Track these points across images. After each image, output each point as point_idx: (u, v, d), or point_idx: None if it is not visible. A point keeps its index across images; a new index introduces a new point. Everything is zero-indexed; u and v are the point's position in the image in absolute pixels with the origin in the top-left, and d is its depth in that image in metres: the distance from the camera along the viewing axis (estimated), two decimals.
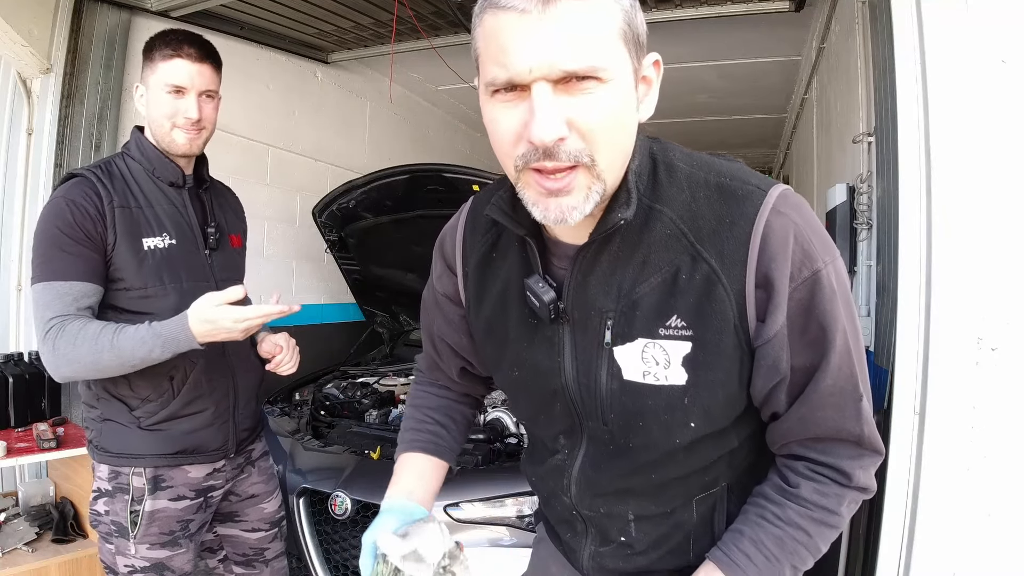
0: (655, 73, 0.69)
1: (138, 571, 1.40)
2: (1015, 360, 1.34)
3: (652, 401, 0.73)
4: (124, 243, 1.33)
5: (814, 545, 0.75)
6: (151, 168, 1.42)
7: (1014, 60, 1.35)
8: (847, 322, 0.70)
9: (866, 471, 0.75)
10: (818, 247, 0.68)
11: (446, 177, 2.55)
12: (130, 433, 1.38)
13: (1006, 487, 1.35)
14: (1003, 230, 1.35)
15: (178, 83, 1.36)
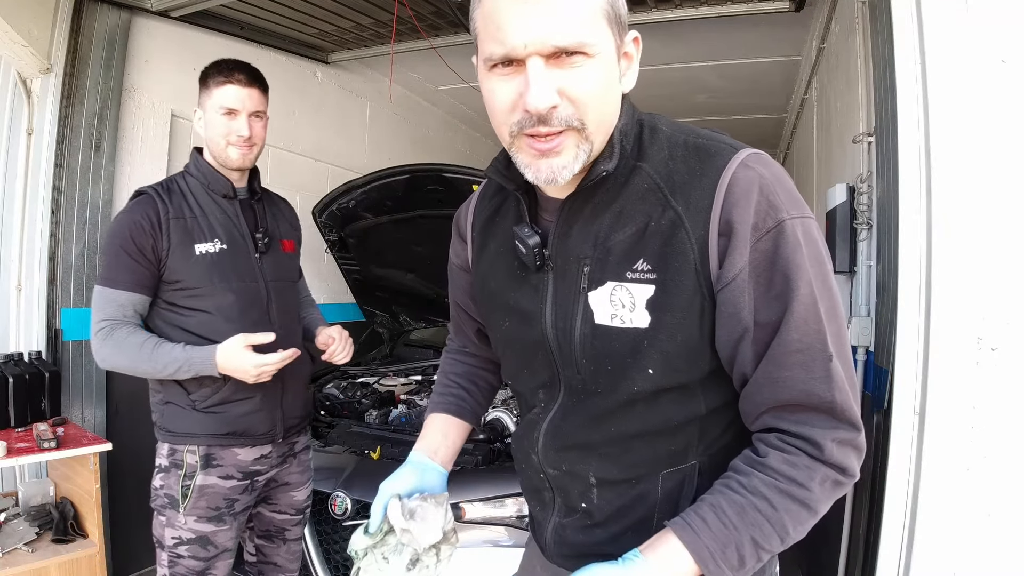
0: (635, 49, 0.76)
1: (184, 543, 1.54)
2: (1015, 360, 1.34)
3: (618, 344, 0.76)
4: (178, 249, 1.52)
5: (779, 520, 0.70)
6: (206, 183, 1.60)
7: (1014, 60, 1.35)
8: (816, 280, 0.70)
9: (842, 447, 0.72)
10: (784, 200, 0.71)
11: (446, 177, 2.55)
12: (187, 414, 1.55)
13: (1006, 487, 1.35)
14: (1003, 230, 1.35)
15: (230, 106, 1.56)
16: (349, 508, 2.07)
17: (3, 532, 1.98)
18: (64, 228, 2.49)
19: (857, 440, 0.73)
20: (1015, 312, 1.34)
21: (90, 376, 2.57)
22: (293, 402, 1.69)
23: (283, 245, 1.74)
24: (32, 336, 2.46)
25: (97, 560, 1.98)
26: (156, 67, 2.83)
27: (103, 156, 2.58)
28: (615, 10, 0.71)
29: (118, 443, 2.13)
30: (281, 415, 1.65)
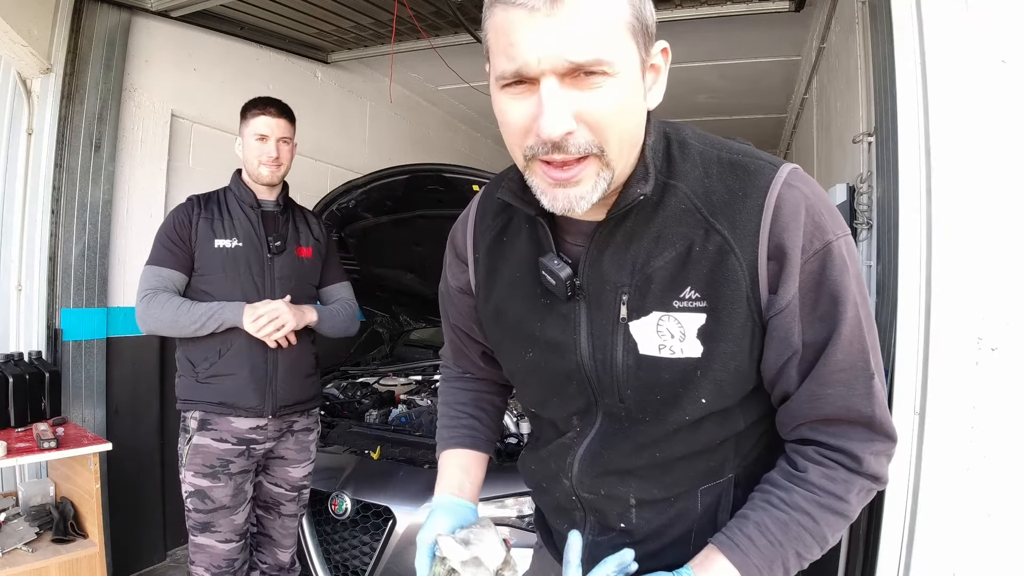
0: (663, 61, 0.70)
1: (190, 495, 1.84)
2: (1015, 360, 1.34)
3: (668, 375, 0.73)
4: (203, 242, 1.88)
5: (820, 533, 0.72)
6: (238, 195, 1.96)
7: (1014, 60, 1.35)
8: (859, 297, 0.70)
9: (878, 458, 0.73)
10: (829, 220, 0.69)
11: (446, 177, 2.55)
12: (191, 384, 1.87)
13: (1006, 487, 1.35)
14: (1003, 230, 1.35)
15: (262, 132, 1.90)
16: (349, 508, 2.07)
17: (3, 532, 1.97)
18: (64, 228, 2.48)
19: (892, 450, 0.74)
20: (1015, 312, 1.34)
21: (90, 376, 2.57)
22: (285, 385, 1.91)
23: (299, 251, 2.01)
24: (32, 336, 2.46)
25: (97, 560, 1.98)
26: (156, 67, 2.83)
27: (103, 156, 2.58)
28: (641, 21, 0.65)
29: (118, 443, 2.13)
30: (272, 394, 1.88)
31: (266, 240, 1.92)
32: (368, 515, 2.06)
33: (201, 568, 1.84)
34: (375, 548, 2.00)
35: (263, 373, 1.87)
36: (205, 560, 1.84)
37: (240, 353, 1.85)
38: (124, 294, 2.73)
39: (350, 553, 2.08)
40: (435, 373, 2.99)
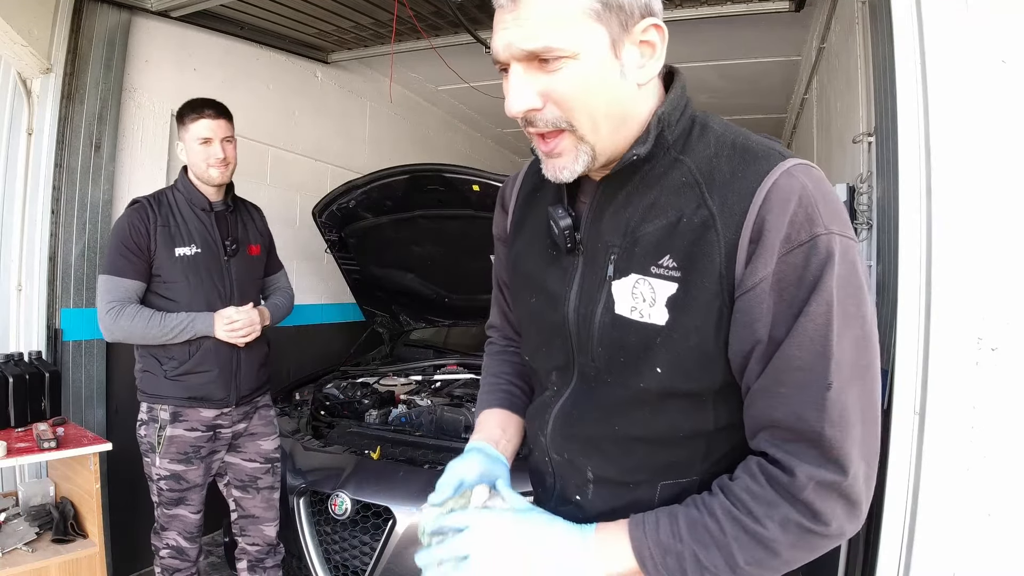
0: (656, 36, 0.71)
1: (163, 478, 1.99)
2: (1015, 360, 1.34)
3: (634, 338, 0.75)
4: (162, 251, 1.95)
5: (726, 547, 0.68)
6: (189, 198, 2.01)
7: (1014, 60, 1.35)
8: (841, 303, 0.66)
9: (820, 491, 0.66)
10: (824, 215, 0.67)
11: (446, 177, 2.55)
12: (159, 381, 1.97)
13: (1006, 487, 1.35)
14: (1003, 230, 1.35)
15: (205, 135, 1.95)
16: (349, 508, 2.07)
17: (3, 532, 1.97)
18: (64, 228, 2.49)
19: (842, 487, 0.67)
20: (1015, 312, 1.34)
21: (90, 376, 2.57)
22: (246, 377, 2.08)
23: (250, 249, 2.14)
24: (32, 336, 2.46)
25: (97, 560, 1.98)
26: (156, 67, 2.84)
27: (103, 156, 2.58)
28: (609, 3, 0.67)
29: (118, 443, 2.13)
30: (235, 386, 2.04)
31: (222, 244, 2.04)
32: (368, 515, 2.06)
33: (174, 532, 2.04)
34: (375, 548, 2.00)
35: (229, 369, 2.03)
36: (179, 526, 2.04)
37: (209, 353, 1.99)
38: None
39: (350, 553, 2.08)
40: (435, 373, 2.99)
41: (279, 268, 2.39)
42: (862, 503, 0.68)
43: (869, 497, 0.69)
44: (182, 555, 2.07)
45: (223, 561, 2.70)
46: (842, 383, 0.67)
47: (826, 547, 0.71)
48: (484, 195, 2.53)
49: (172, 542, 2.05)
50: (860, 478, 0.67)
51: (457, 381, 2.85)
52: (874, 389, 0.69)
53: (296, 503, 2.18)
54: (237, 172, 2.05)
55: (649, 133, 0.73)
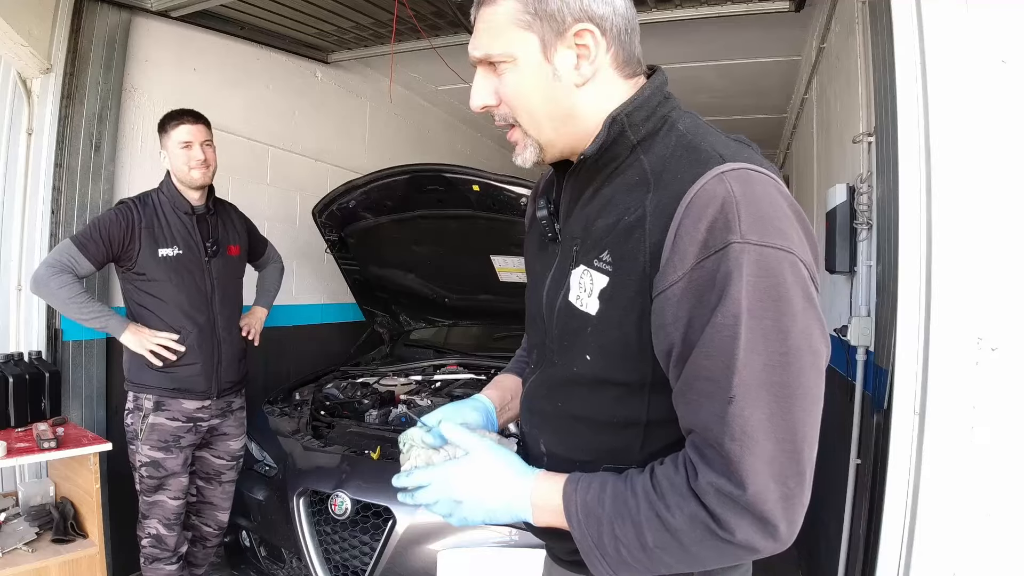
0: (589, 39, 0.75)
1: (144, 464, 2.14)
2: (1015, 360, 1.34)
3: (575, 324, 0.81)
4: (147, 251, 2.10)
5: (638, 525, 0.70)
6: (172, 202, 2.17)
7: (1014, 60, 1.35)
8: (752, 315, 0.64)
9: (720, 497, 0.66)
10: (744, 223, 0.65)
11: (446, 177, 2.55)
12: (145, 371, 2.14)
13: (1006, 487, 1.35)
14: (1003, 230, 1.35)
15: (186, 140, 2.12)
16: (349, 508, 2.07)
17: (3, 532, 1.98)
18: (64, 228, 2.48)
19: (742, 500, 0.65)
20: (1015, 312, 1.34)
21: (90, 376, 2.57)
22: (227, 370, 2.26)
23: (229, 250, 2.30)
24: (32, 336, 2.46)
25: (97, 560, 1.98)
26: (156, 67, 2.84)
27: (103, 156, 2.58)
28: (540, 13, 0.74)
29: (118, 443, 2.13)
30: (216, 379, 2.22)
31: (203, 245, 2.20)
32: (368, 515, 2.06)
33: (155, 520, 2.17)
34: (375, 548, 2.00)
35: (212, 363, 2.20)
36: (159, 513, 2.17)
37: (194, 348, 2.16)
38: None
39: (350, 553, 2.08)
40: (435, 373, 2.99)
41: (266, 245, 2.63)
42: (776, 523, 0.66)
43: (791, 518, 0.67)
44: (161, 543, 2.18)
45: (223, 561, 2.70)
46: (746, 399, 0.65)
47: (741, 556, 0.71)
48: (484, 195, 2.52)
49: (152, 530, 2.18)
50: (769, 498, 0.65)
51: (457, 381, 2.85)
52: (791, 409, 0.66)
53: (296, 503, 2.18)
54: (237, 172, 2.12)
55: (604, 135, 0.77)
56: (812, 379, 0.67)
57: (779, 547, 0.69)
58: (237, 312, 2.40)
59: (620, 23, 0.76)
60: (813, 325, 0.67)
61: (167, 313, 2.15)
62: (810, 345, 0.66)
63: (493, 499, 0.79)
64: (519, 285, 2.30)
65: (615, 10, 0.76)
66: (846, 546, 1.93)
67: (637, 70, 0.81)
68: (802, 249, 0.68)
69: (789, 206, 0.70)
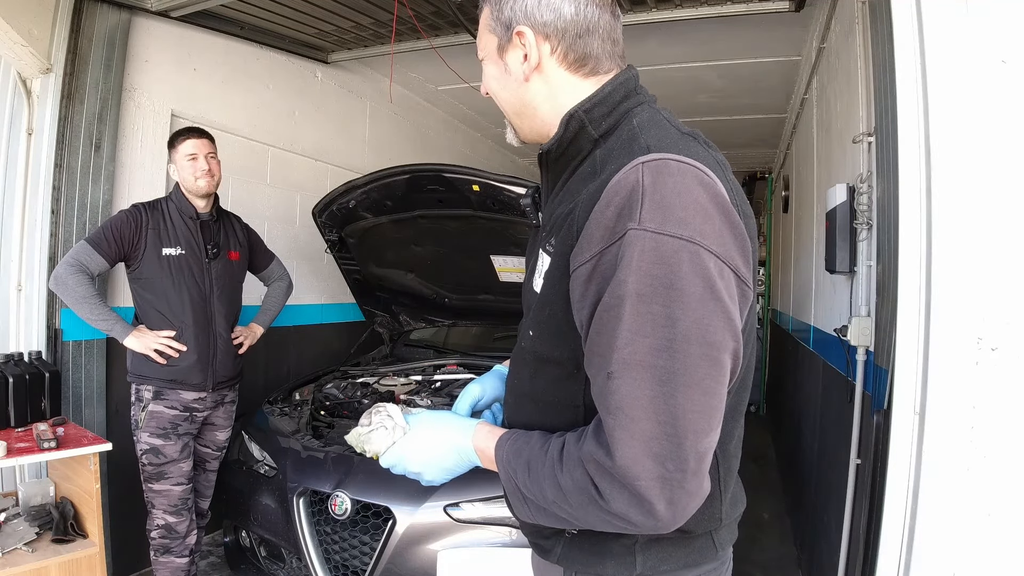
0: (521, 40, 0.85)
1: (145, 452, 2.29)
2: (1015, 360, 1.34)
3: (529, 301, 0.91)
4: (151, 250, 2.29)
5: (542, 483, 0.77)
6: (179, 207, 2.36)
7: (1014, 60, 1.35)
8: (641, 300, 0.67)
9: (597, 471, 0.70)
10: (647, 211, 0.68)
11: (446, 177, 2.55)
12: (145, 362, 2.29)
13: (1006, 487, 1.35)
14: (1003, 230, 1.35)
15: (191, 152, 2.32)
16: (349, 508, 2.07)
17: (3, 532, 1.98)
18: (64, 228, 2.49)
19: (614, 473, 0.68)
20: (1015, 312, 1.34)
21: (90, 376, 2.57)
22: (222, 364, 2.41)
23: (229, 255, 2.46)
24: (32, 336, 2.46)
25: (97, 560, 1.98)
26: (156, 67, 2.84)
27: (103, 156, 2.58)
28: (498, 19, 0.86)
29: (118, 443, 2.13)
30: (212, 372, 2.37)
31: (205, 247, 2.37)
32: (368, 515, 2.06)
33: (160, 510, 2.29)
34: (375, 548, 2.00)
35: (207, 357, 2.35)
36: (164, 503, 2.28)
37: (191, 342, 2.31)
38: (124, 294, 2.72)
39: (350, 553, 2.08)
40: (435, 373, 2.99)
41: (271, 259, 2.76)
42: (653, 501, 0.67)
43: (672, 500, 0.68)
44: (172, 532, 2.29)
45: (223, 561, 2.70)
46: (624, 376, 0.67)
47: (623, 527, 0.73)
48: (484, 195, 2.52)
49: (160, 520, 2.29)
50: (642, 475, 0.67)
51: (457, 381, 2.85)
52: (675, 395, 0.66)
53: (296, 503, 2.18)
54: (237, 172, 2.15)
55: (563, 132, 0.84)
56: (704, 370, 0.67)
57: (661, 526, 0.70)
58: (235, 312, 2.53)
59: (567, 27, 0.83)
60: (712, 317, 0.67)
61: (167, 309, 2.30)
62: (704, 336, 0.67)
63: (443, 456, 0.91)
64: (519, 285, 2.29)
65: (560, 15, 0.82)
66: (846, 546, 1.93)
67: (603, 68, 0.86)
68: (714, 241, 0.68)
69: (710, 199, 0.70)
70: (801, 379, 3.59)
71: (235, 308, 2.53)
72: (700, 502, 0.70)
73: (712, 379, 0.68)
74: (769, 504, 3.93)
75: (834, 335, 2.17)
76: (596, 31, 0.83)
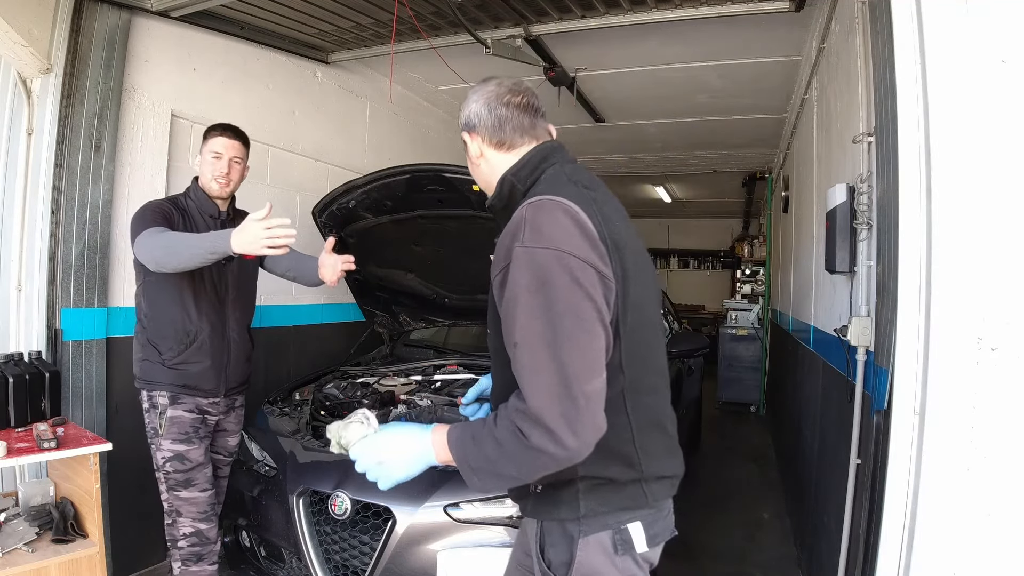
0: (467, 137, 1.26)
1: (168, 459, 2.16)
2: (1015, 360, 1.34)
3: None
4: None
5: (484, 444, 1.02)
6: (199, 206, 2.26)
7: (1014, 60, 1.35)
8: (525, 292, 0.99)
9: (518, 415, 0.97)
10: (527, 234, 1.02)
11: (446, 177, 2.55)
12: (157, 368, 2.18)
13: (1006, 487, 1.35)
14: (1003, 230, 1.35)
15: (218, 151, 2.22)
16: (349, 508, 2.07)
17: (3, 532, 1.98)
18: (64, 228, 2.49)
19: (529, 413, 0.96)
20: (1015, 312, 1.34)
21: (90, 376, 2.57)
22: (235, 370, 2.32)
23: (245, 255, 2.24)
24: (32, 336, 2.46)
25: (97, 560, 1.98)
26: (156, 67, 2.84)
27: (103, 156, 2.58)
28: (465, 120, 1.25)
29: (118, 443, 2.13)
30: (224, 378, 2.28)
31: None
32: (368, 515, 2.06)
33: (189, 518, 2.17)
34: (375, 548, 2.00)
35: (221, 362, 2.25)
36: (193, 510, 2.17)
37: (204, 346, 2.21)
38: (124, 294, 2.73)
39: (350, 553, 2.08)
40: (435, 373, 2.99)
41: None
42: (559, 432, 0.95)
43: (575, 431, 0.95)
44: (203, 538, 2.19)
45: (223, 561, 2.70)
46: (525, 345, 0.99)
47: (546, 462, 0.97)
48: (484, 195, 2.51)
49: (189, 528, 2.17)
50: (547, 414, 0.95)
51: (457, 381, 2.85)
52: (559, 354, 0.96)
53: (296, 503, 2.18)
54: None
55: (499, 191, 1.22)
56: (578, 335, 0.98)
57: (571, 454, 0.96)
58: (248, 315, 2.44)
59: (488, 124, 1.21)
60: (578, 299, 0.99)
61: (183, 313, 2.19)
62: (576, 313, 0.98)
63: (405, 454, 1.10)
64: None
65: (482, 119, 1.21)
66: (846, 546, 1.93)
67: (519, 144, 1.22)
68: (574, 247, 1.00)
69: (571, 220, 1.03)
70: (801, 379, 3.59)
71: (249, 311, 2.45)
72: (596, 431, 0.98)
73: (586, 341, 0.98)
74: (769, 504, 3.93)
75: (834, 335, 2.17)
76: (507, 123, 1.20)
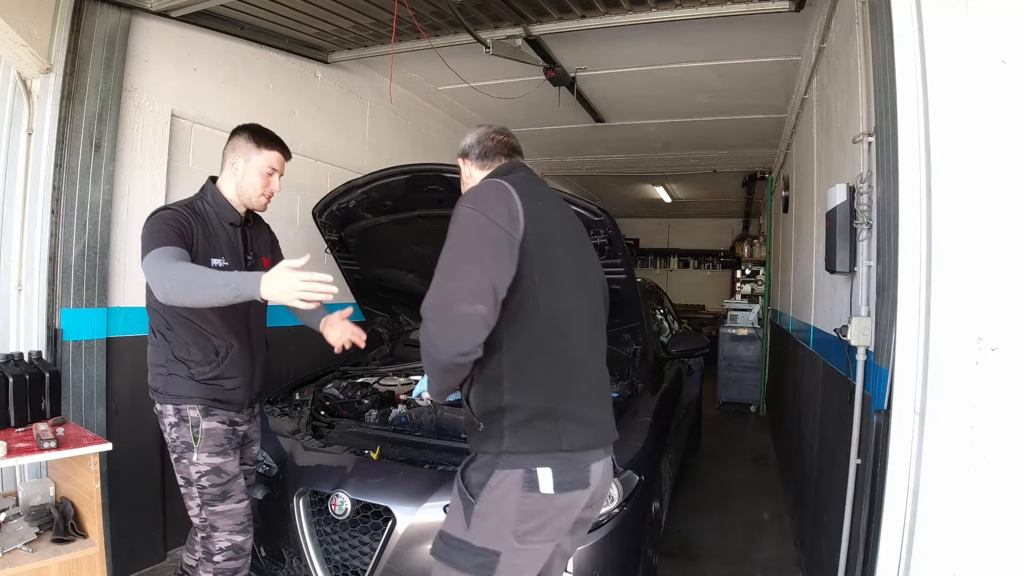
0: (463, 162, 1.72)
1: (204, 474, 2.04)
2: (1015, 360, 1.34)
3: None
4: (201, 262, 1.94)
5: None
6: (219, 212, 2.10)
7: (1014, 60, 1.35)
8: (453, 237, 1.39)
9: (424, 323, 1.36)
10: (467, 198, 1.43)
11: (446, 177, 2.55)
12: (186, 383, 2.05)
13: (1006, 487, 1.35)
14: (1003, 230, 1.35)
15: (274, 167, 2.13)
16: (349, 508, 2.07)
17: (3, 532, 1.98)
18: (64, 228, 2.49)
19: (423, 311, 1.36)
20: (1015, 312, 1.34)
21: (90, 376, 2.57)
22: (258, 381, 2.26)
23: (263, 262, 2.25)
24: (32, 336, 2.46)
25: (97, 560, 1.98)
26: (156, 67, 2.84)
27: (103, 156, 2.58)
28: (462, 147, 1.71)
29: (118, 443, 2.13)
30: (250, 390, 2.21)
31: (244, 257, 2.16)
32: (368, 515, 2.06)
33: (226, 532, 2.06)
34: (375, 548, 2.00)
35: (249, 375, 2.19)
36: (230, 523, 2.07)
37: (235, 360, 2.11)
38: (124, 294, 2.73)
39: (350, 553, 2.08)
40: None
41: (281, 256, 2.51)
42: (435, 328, 1.35)
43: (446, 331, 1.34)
44: (240, 551, 2.07)
45: None
46: (438, 272, 1.37)
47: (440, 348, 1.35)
48: None
49: (226, 543, 2.05)
50: (432, 315, 1.35)
51: None
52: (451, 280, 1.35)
53: (296, 503, 2.18)
54: None
55: None
56: (469, 271, 1.33)
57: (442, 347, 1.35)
58: (264, 325, 2.31)
59: (476, 151, 1.67)
60: (481, 246, 1.35)
61: (213, 326, 2.04)
62: (475, 252, 1.35)
63: None
64: None
65: (471, 148, 1.67)
66: (846, 546, 1.93)
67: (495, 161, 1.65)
68: (490, 209, 1.37)
69: (495, 194, 1.41)
70: (801, 379, 3.59)
71: (265, 320, 2.31)
72: (456, 343, 1.32)
73: (475, 277, 1.32)
74: (769, 504, 3.93)
75: (834, 335, 2.17)
76: (490, 151, 1.65)
